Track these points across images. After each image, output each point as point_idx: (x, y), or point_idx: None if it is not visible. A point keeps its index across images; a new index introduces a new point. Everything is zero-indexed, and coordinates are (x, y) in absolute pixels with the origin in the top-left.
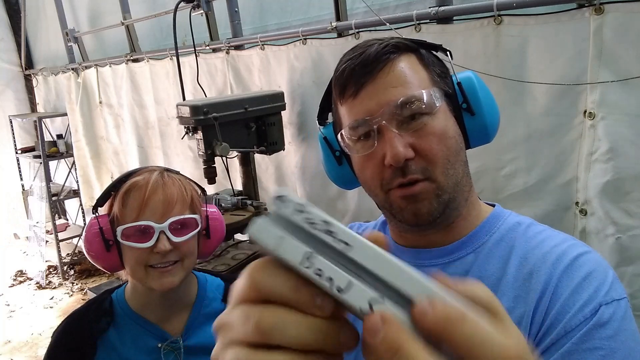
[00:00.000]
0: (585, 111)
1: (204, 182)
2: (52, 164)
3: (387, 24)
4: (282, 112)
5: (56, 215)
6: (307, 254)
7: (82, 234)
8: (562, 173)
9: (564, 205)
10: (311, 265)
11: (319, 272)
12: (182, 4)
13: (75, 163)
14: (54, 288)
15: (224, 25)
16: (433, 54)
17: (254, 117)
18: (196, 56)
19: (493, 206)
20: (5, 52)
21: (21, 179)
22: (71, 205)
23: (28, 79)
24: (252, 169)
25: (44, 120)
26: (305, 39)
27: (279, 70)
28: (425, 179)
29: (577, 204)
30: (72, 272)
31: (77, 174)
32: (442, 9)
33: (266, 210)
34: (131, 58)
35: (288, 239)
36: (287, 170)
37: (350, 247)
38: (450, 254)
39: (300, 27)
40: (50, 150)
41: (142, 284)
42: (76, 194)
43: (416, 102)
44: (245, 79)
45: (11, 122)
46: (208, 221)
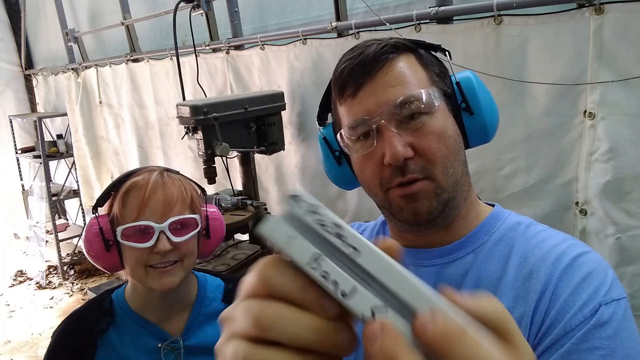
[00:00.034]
0: (585, 111)
1: (204, 182)
2: (52, 164)
3: (387, 24)
4: (282, 112)
5: (56, 215)
6: (315, 255)
7: (82, 234)
8: (562, 173)
9: (564, 205)
10: (318, 267)
11: (325, 274)
12: (182, 4)
13: (75, 163)
14: (54, 288)
15: (224, 25)
16: (432, 54)
17: (254, 117)
18: (196, 56)
19: (493, 206)
20: (5, 52)
21: (21, 179)
22: (71, 205)
23: (28, 79)
24: (252, 169)
25: (44, 120)
26: (305, 39)
27: (279, 70)
28: (424, 178)
29: (577, 204)
30: (72, 272)
31: (77, 174)
32: (442, 9)
33: (266, 210)
34: (131, 58)
35: (298, 239)
36: (287, 170)
37: (359, 253)
38: (450, 254)
39: (300, 27)
40: (50, 150)
41: (142, 284)
42: (76, 194)
43: (415, 101)
44: (245, 79)
45: (11, 122)
46: (208, 221)
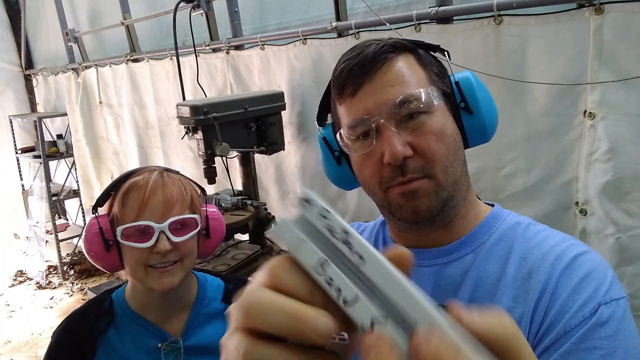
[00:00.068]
0: (585, 111)
1: (204, 182)
2: (52, 164)
3: (387, 24)
4: (282, 112)
5: (56, 215)
6: (321, 260)
7: (82, 234)
8: (562, 173)
9: (564, 205)
10: (324, 272)
11: (330, 280)
12: (182, 4)
13: (75, 163)
14: (54, 288)
15: (224, 25)
16: (431, 54)
17: (254, 117)
18: (196, 56)
19: (492, 206)
20: (5, 52)
21: (21, 179)
22: (71, 205)
23: (28, 79)
24: (252, 169)
25: (44, 120)
26: (305, 39)
27: (279, 70)
28: (424, 177)
29: (577, 204)
30: (72, 272)
31: (77, 174)
32: (442, 9)
33: (266, 210)
34: (131, 58)
35: (307, 243)
36: (287, 170)
37: (364, 262)
38: (450, 254)
39: (300, 27)
40: (50, 150)
41: (142, 284)
42: (76, 194)
43: (414, 100)
44: (245, 79)
45: (11, 122)
46: (208, 221)
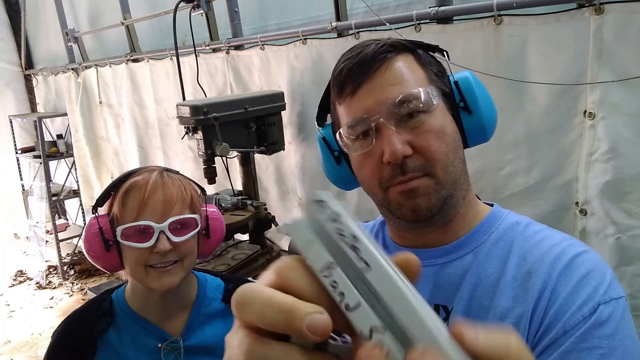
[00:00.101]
0: (585, 111)
1: (204, 182)
2: (52, 164)
3: (387, 24)
4: (282, 112)
5: (56, 215)
6: (328, 263)
7: (82, 234)
8: (562, 173)
9: (564, 205)
10: (329, 275)
11: (334, 284)
12: (182, 4)
13: (75, 163)
14: (54, 288)
15: (224, 25)
16: (430, 54)
17: (254, 117)
18: (196, 56)
19: (491, 206)
20: (5, 52)
21: (21, 179)
22: (71, 205)
23: (28, 79)
24: (252, 169)
25: (44, 120)
26: (305, 39)
27: (279, 70)
28: (424, 175)
29: (577, 204)
30: (72, 272)
31: (77, 174)
32: (442, 9)
33: (266, 210)
34: (131, 58)
35: (316, 245)
36: (287, 170)
37: (369, 269)
38: (449, 254)
39: (300, 27)
40: (50, 150)
41: (142, 284)
42: (76, 194)
43: (414, 100)
44: (245, 79)
45: (11, 122)
46: (208, 221)
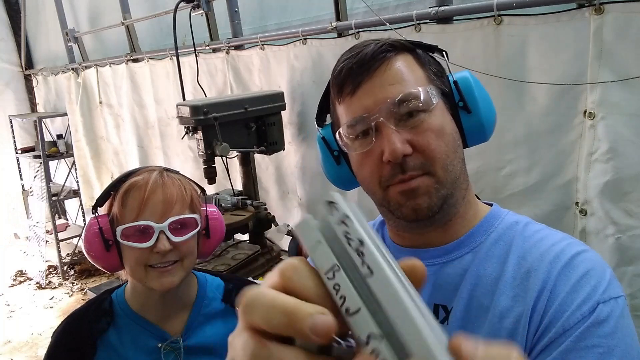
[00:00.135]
0: (585, 111)
1: (204, 182)
2: (52, 164)
3: (387, 24)
4: (282, 112)
5: (56, 215)
6: (333, 266)
7: (82, 234)
8: (562, 173)
9: (563, 205)
10: (333, 278)
11: (337, 287)
12: (182, 4)
13: (75, 163)
14: (54, 288)
15: (224, 25)
16: (429, 54)
17: (254, 117)
18: (196, 56)
19: (491, 205)
20: (5, 52)
21: (21, 179)
22: (71, 205)
23: (28, 79)
24: (252, 169)
25: (44, 120)
26: (305, 39)
27: (279, 70)
28: (424, 174)
29: (577, 204)
30: (72, 272)
31: (77, 174)
32: (442, 9)
33: (266, 210)
34: (131, 58)
35: (323, 246)
36: (287, 170)
37: (372, 276)
38: (449, 254)
39: (300, 27)
40: (50, 150)
41: (142, 284)
42: (76, 194)
43: (413, 99)
44: (245, 79)
45: (11, 122)
46: (208, 221)
